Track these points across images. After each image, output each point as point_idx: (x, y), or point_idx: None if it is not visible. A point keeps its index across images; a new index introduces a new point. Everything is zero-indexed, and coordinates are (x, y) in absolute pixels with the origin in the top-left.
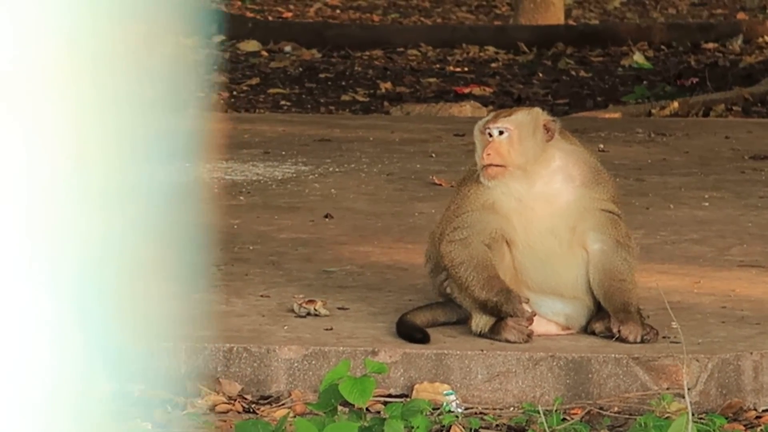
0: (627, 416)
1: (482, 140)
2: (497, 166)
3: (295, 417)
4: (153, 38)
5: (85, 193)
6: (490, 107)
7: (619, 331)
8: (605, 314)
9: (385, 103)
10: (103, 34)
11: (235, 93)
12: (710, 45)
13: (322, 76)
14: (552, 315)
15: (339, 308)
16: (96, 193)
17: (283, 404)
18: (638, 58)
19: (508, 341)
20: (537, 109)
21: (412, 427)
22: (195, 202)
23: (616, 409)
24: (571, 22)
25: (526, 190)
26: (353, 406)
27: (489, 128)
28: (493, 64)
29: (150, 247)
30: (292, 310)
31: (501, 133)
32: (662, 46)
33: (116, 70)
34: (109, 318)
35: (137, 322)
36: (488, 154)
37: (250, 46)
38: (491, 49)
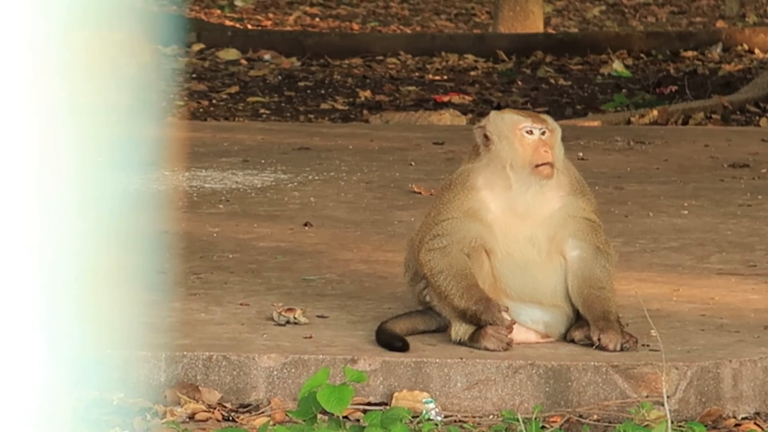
0: (606, 424)
1: (527, 139)
2: (550, 164)
3: (274, 425)
4: (130, 47)
5: (60, 201)
6: (470, 115)
7: (598, 339)
8: (584, 322)
9: (365, 112)
10: (76, 43)
11: (214, 101)
12: (689, 53)
13: (301, 84)
14: (531, 323)
15: (318, 316)
16: (70, 201)
17: (262, 412)
18: (617, 66)
19: (487, 349)
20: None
21: None
22: (170, 211)
23: (595, 417)
24: (550, 30)
25: (520, 195)
26: (333, 414)
27: (537, 127)
28: (473, 73)
29: (124, 255)
30: (272, 319)
31: (543, 133)
32: (641, 55)
33: (89, 78)
34: (84, 326)
35: (114, 330)
36: (546, 151)
37: (230, 54)
38: (470, 58)
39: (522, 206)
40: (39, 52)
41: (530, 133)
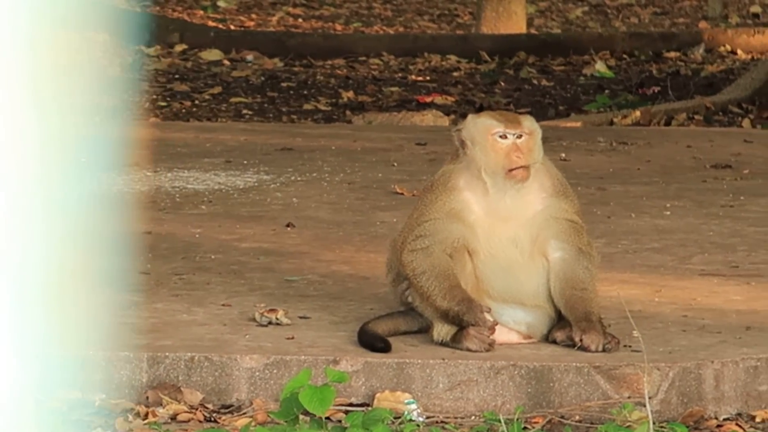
0: (588, 425)
1: (500, 144)
2: (524, 168)
3: (256, 426)
4: (113, 48)
5: (43, 202)
6: (452, 116)
7: (580, 340)
8: (567, 323)
9: (347, 112)
10: (60, 43)
11: (197, 102)
12: (672, 54)
13: (284, 85)
14: (513, 324)
15: (300, 317)
16: (53, 202)
17: (244, 413)
18: (600, 67)
19: (469, 350)
20: (531, 116)
21: None
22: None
23: (577, 417)
24: (533, 31)
25: (515, 193)
26: (314, 415)
27: (510, 132)
28: (455, 73)
29: (106, 256)
30: (254, 319)
31: (519, 137)
32: (624, 55)
33: (73, 79)
34: (66, 327)
35: (96, 331)
36: (518, 156)
37: (212, 55)
38: (453, 58)
39: (502, 209)
40: (16, 52)
41: (504, 137)
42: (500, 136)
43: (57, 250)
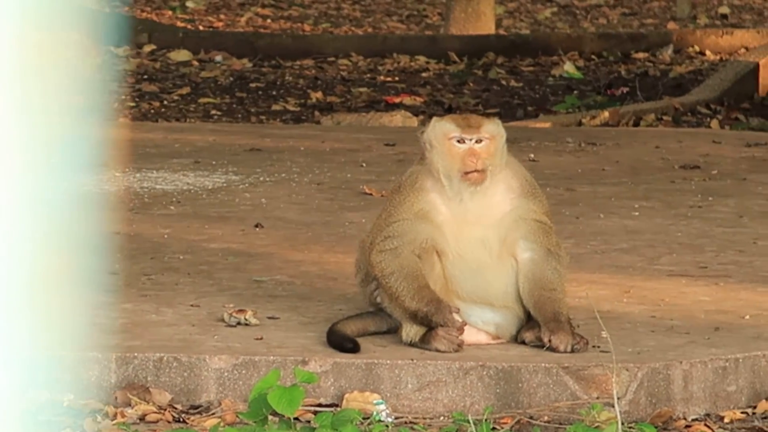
0: (557, 425)
1: (456, 148)
2: (478, 171)
3: (225, 426)
4: (81, 48)
5: (10, 202)
6: (421, 117)
7: (549, 341)
8: (535, 324)
9: (316, 113)
10: (28, 43)
11: (165, 102)
12: (641, 55)
13: (252, 85)
14: (482, 324)
15: (269, 318)
16: (20, 202)
17: (213, 414)
18: (569, 67)
19: (438, 351)
20: (497, 119)
21: None
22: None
23: (546, 418)
24: (501, 31)
25: (470, 197)
26: (283, 415)
27: (467, 137)
28: (424, 74)
29: (74, 256)
30: (223, 320)
31: (479, 141)
32: (593, 56)
33: (41, 79)
34: (34, 328)
35: (64, 331)
36: (472, 161)
37: (181, 55)
38: (422, 59)
39: (467, 211)
40: None
41: (461, 141)
42: (458, 141)
43: (25, 251)
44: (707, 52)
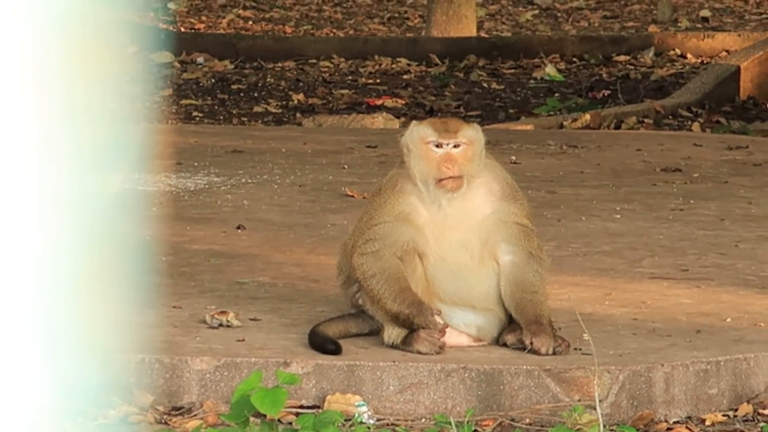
0: (538, 428)
1: (433, 152)
2: (454, 178)
3: (207, 428)
4: (65, 50)
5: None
6: (403, 119)
7: (531, 343)
8: (517, 326)
9: (298, 115)
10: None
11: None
12: (622, 58)
13: (234, 87)
14: (464, 327)
15: (251, 319)
16: (15, 202)
17: (195, 415)
18: (550, 70)
19: (420, 353)
20: (476, 125)
21: None
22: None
23: (527, 420)
24: (483, 34)
25: (447, 203)
26: (265, 417)
27: (444, 141)
28: (406, 76)
29: (62, 257)
30: (205, 321)
31: (456, 146)
32: (574, 59)
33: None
34: (14, 331)
35: (49, 333)
36: (447, 167)
37: (163, 57)
38: (403, 61)
39: (448, 218)
40: None
41: (438, 146)
42: (435, 145)
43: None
44: (688, 55)
